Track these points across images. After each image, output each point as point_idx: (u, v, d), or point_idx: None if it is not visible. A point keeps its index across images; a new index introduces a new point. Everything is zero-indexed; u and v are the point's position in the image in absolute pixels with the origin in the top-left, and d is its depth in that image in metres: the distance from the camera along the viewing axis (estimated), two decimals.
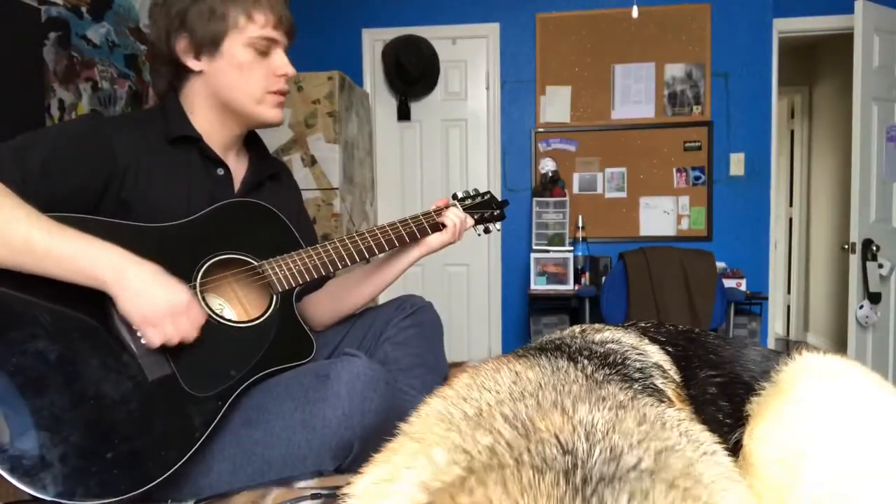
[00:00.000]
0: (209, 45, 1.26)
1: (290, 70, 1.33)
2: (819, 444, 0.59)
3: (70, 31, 2.49)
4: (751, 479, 0.61)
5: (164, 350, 1.06)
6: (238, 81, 1.28)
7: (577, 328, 0.78)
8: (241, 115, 1.32)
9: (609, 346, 0.69)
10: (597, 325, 0.77)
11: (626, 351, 0.68)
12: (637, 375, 0.62)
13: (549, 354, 0.62)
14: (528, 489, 0.36)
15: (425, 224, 1.45)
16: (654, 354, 0.70)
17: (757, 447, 0.62)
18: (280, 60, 1.31)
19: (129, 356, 1.03)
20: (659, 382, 0.64)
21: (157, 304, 1.02)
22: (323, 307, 1.49)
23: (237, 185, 1.35)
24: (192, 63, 1.28)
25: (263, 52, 1.29)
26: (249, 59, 1.28)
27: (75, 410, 0.94)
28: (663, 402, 0.59)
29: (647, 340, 0.73)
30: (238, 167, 1.38)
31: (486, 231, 1.60)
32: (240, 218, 1.28)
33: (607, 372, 0.60)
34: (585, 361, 0.61)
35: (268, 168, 1.45)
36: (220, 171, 1.32)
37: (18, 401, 0.91)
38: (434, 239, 1.47)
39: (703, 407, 0.66)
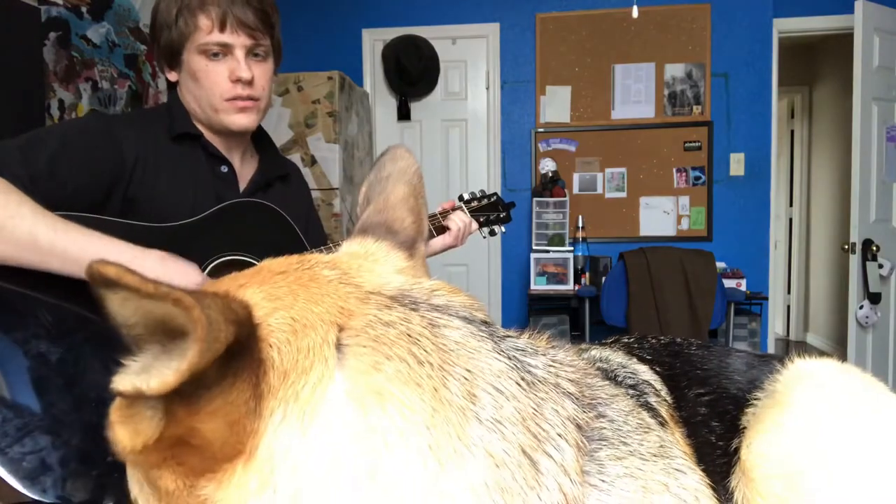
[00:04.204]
0: (171, 56, 1.25)
1: (244, 74, 1.21)
2: (819, 458, 0.59)
3: (70, 31, 2.49)
4: (752, 494, 0.61)
5: None
6: (196, 91, 1.24)
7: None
8: (209, 123, 1.28)
9: (599, 365, 0.67)
10: (583, 346, 0.75)
11: (616, 368, 0.66)
12: (631, 392, 0.61)
13: None
14: None
15: (430, 226, 1.45)
16: (644, 374, 0.69)
17: (756, 461, 0.61)
18: (232, 65, 1.21)
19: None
20: (653, 401, 0.63)
21: None
22: None
23: (244, 184, 1.34)
24: (168, 75, 1.29)
25: (218, 58, 1.21)
26: (203, 68, 1.21)
27: (77, 413, 0.94)
28: (661, 423, 0.58)
29: (635, 360, 0.71)
30: (245, 167, 1.37)
31: (492, 234, 1.60)
32: (245, 218, 1.27)
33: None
34: None
35: (277, 169, 1.43)
36: (224, 169, 1.31)
37: (19, 403, 0.91)
38: (437, 242, 1.45)
39: (695, 429, 0.66)
